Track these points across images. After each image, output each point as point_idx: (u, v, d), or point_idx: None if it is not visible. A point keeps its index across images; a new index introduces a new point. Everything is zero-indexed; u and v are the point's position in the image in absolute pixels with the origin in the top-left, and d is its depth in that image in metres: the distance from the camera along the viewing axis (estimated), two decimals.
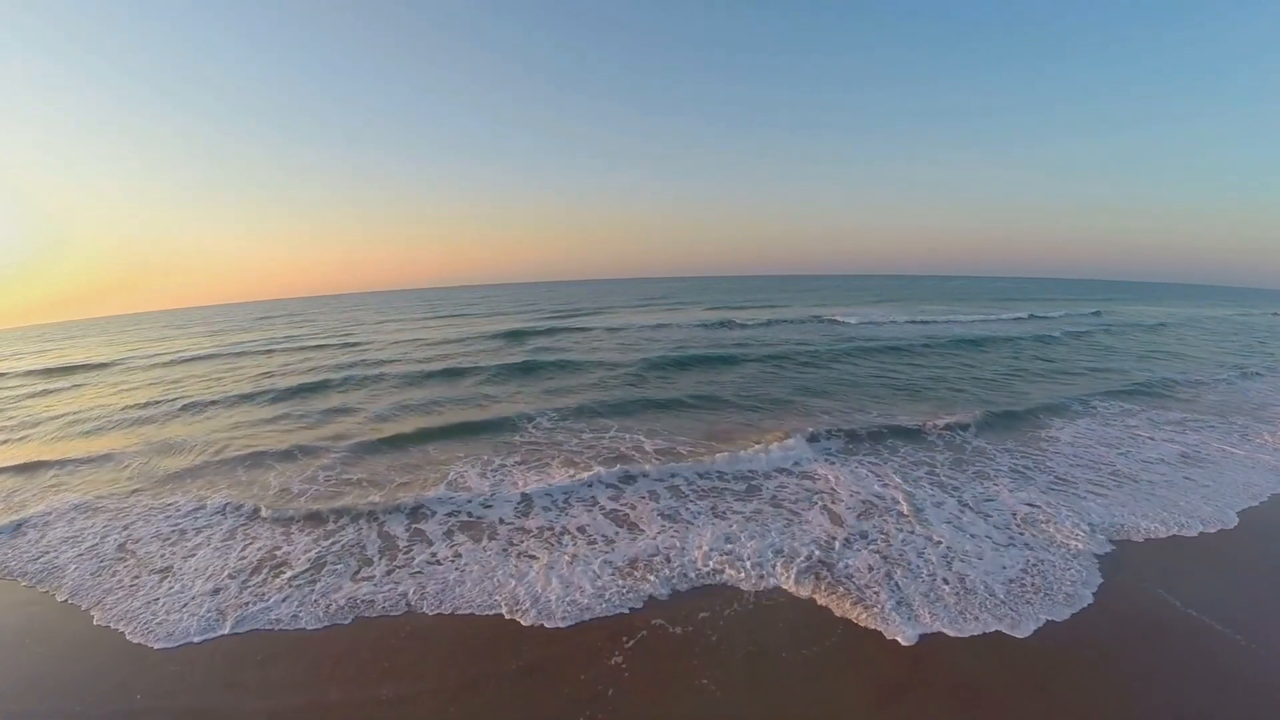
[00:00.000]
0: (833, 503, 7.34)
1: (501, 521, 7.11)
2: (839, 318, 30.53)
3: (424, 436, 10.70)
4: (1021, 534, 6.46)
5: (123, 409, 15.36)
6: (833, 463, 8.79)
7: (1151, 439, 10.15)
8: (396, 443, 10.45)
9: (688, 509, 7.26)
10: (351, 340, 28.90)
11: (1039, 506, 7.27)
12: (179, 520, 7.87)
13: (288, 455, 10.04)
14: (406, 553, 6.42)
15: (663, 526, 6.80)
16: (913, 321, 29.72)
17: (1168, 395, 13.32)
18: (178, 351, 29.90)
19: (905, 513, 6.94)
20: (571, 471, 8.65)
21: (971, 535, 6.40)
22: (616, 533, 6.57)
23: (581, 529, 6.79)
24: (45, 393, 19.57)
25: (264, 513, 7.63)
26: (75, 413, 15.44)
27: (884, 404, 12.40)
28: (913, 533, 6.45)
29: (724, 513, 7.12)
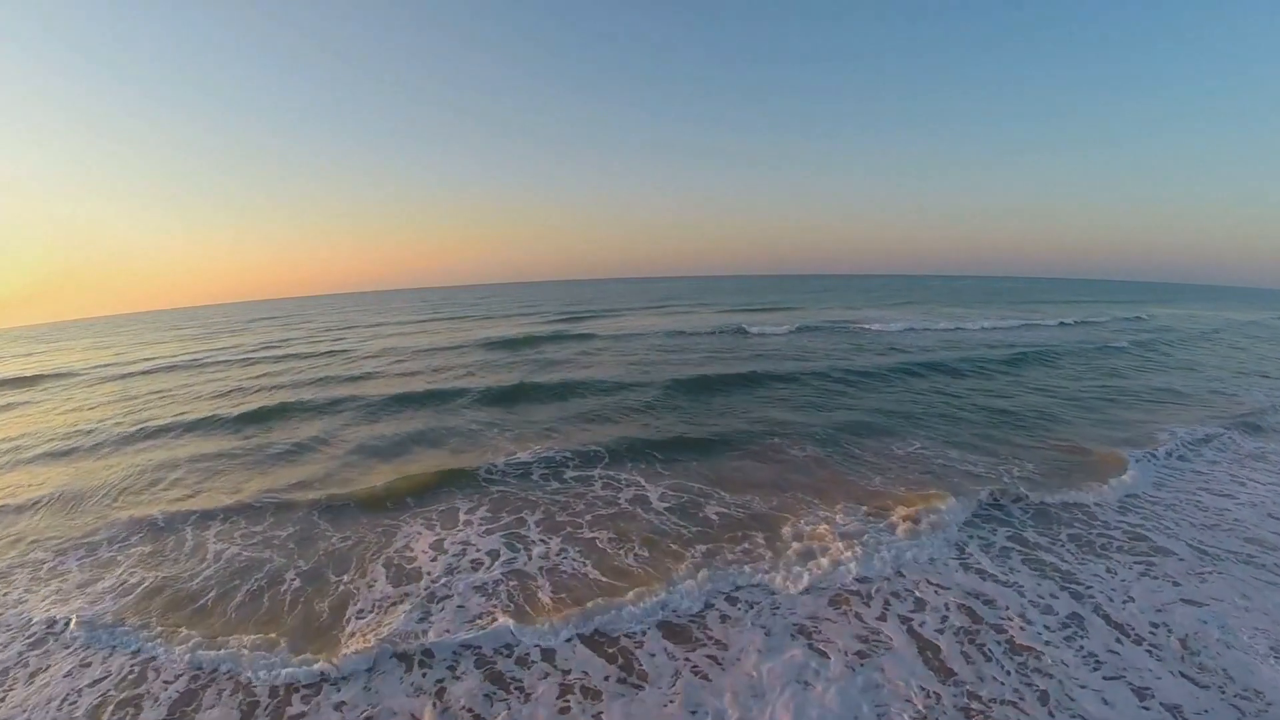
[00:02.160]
0: (915, 611, 5.33)
1: (444, 634, 5.21)
2: (868, 324, 28.14)
3: (380, 492, 8.65)
4: (1239, 693, 4.25)
5: (64, 435, 13.59)
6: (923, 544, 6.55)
7: (1258, 482, 8.42)
8: (346, 501, 8.40)
9: (715, 641, 5.16)
10: (339, 347, 27.15)
11: (1204, 605, 5.31)
12: (51, 609, 6.08)
13: (206, 519, 8.06)
14: (305, 702, 4.52)
15: (671, 677, 4.56)
16: (951, 329, 27.27)
17: (1267, 426, 11.27)
18: (157, 358, 28.35)
19: (1030, 646, 4.78)
20: (557, 552, 6.71)
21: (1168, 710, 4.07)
22: (604, 677, 4.60)
23: (551, 656, 4.85)
24: None
25: (150, 623, 5.71)
26: (11, 439, 13.75)
27: (966, 446, 9.98)
28: (1065, 708, 4.09)
29: (773, 634, 5.16)
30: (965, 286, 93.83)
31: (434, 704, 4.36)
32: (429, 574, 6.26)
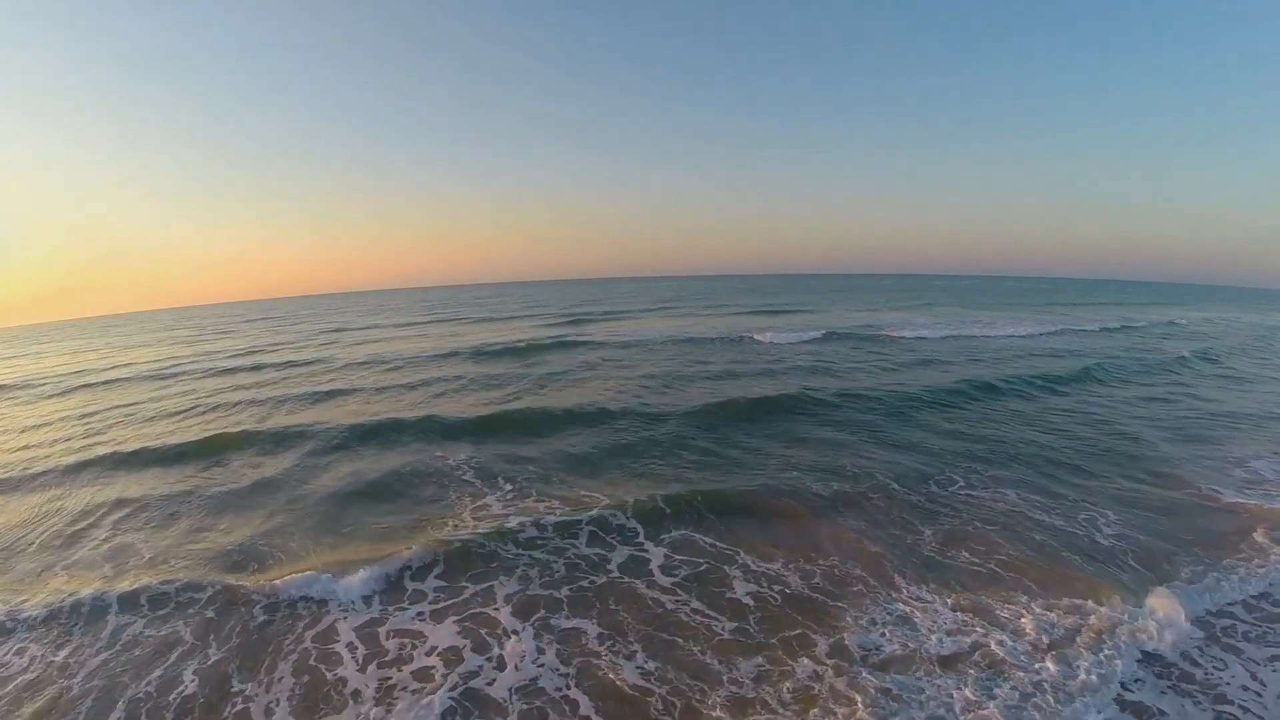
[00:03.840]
0: None
1: None
2: (897, 330, 26.12)
3: (321, 553, 7.05)
4: None
5: None
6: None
7: None
8: (279, 567, 6.78)
9: None
10: (324, 354, 25.61)
11: None
12: None
13: (109, 592, 6.33)
14: None
15: None
16: (989, 335, 25.24)
17: None
18: (132, 364, 26.92)
19: None
20: (533, 658, 5.01)
21: None
22: None
23: None
24: None
25: None
26: None
27: (1066, 487, 8.31)
28: None
29: None
30: (975, 286, 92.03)
31: None
32: (354, 693, 4.65)
